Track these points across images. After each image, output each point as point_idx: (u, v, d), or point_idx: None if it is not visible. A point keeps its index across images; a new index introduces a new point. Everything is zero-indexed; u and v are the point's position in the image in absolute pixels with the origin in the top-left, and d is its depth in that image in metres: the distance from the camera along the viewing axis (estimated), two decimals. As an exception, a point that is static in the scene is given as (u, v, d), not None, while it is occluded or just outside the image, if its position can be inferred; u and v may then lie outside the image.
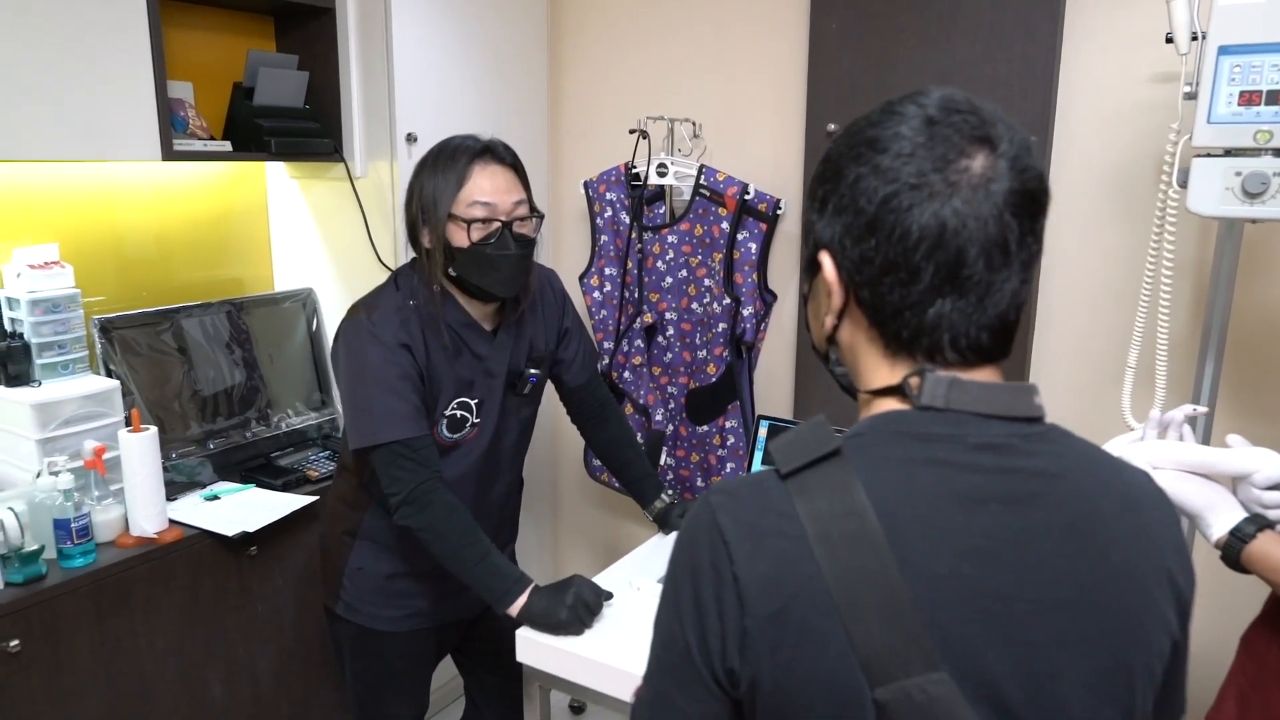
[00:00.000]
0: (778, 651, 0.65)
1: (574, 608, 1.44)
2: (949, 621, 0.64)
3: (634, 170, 2.39)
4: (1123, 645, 0.67)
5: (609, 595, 1.51)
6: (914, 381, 0.70)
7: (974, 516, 0.66)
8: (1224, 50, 1.26)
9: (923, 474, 0.67)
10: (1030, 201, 0.68)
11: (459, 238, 1.50)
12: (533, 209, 1.57)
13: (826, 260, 0.72)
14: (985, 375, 0.71)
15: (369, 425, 1.49)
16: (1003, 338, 0.71)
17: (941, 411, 0.69)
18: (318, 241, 2.41)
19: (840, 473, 0.67)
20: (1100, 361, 1.89)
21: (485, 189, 1.50)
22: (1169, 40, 1.55)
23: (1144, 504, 0.72)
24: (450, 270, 1.52)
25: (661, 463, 2.45)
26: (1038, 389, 0.72)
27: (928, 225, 0.66)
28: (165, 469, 1.95)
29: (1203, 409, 1.15)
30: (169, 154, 1.89)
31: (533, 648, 1.45)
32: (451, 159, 1.50)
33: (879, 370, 0.72)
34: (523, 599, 1.47)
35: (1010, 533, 0.66)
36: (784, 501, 0.68)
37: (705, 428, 2.40)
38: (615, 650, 1.40)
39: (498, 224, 1.51)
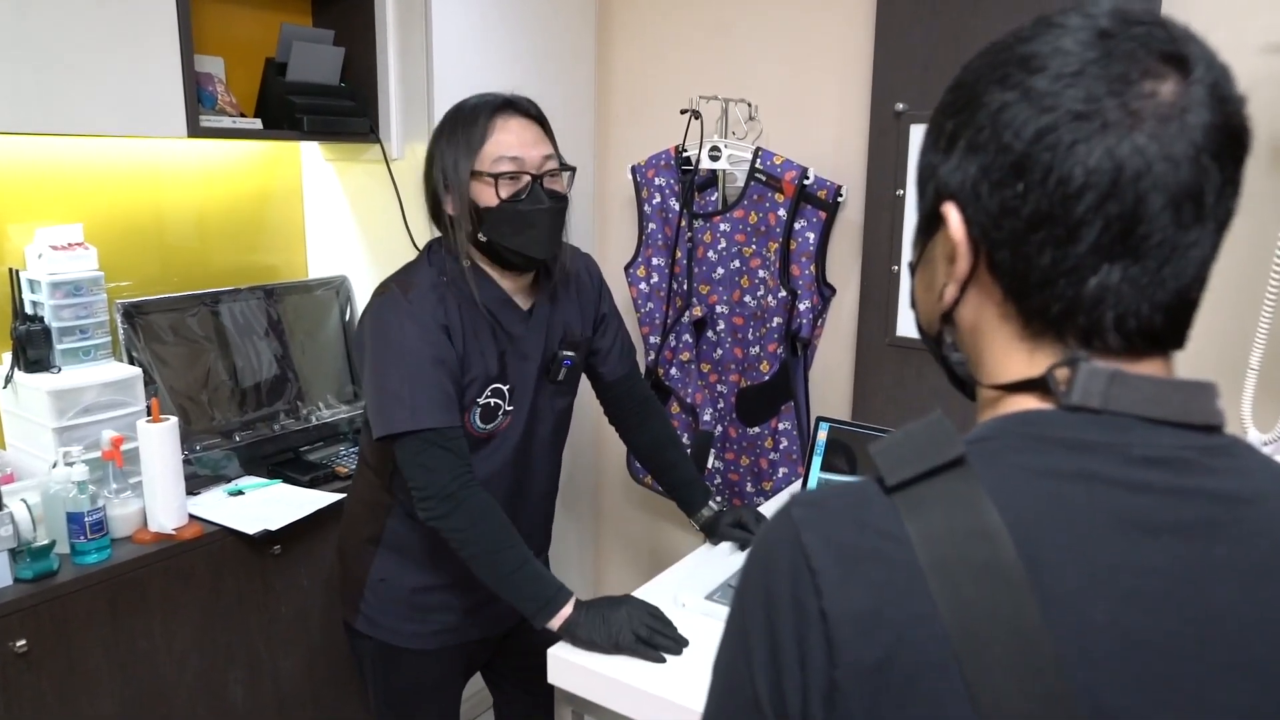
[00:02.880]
0: (876, 713, 0.50)
1: (627, 629, 1.30)
2: (1105, 685, 0.49)
3: (685, 154, 2.24)
4: None
5: (675, 629, 1.35)
6: (1062, 374, 0.55)
7: (1140, 549, 0.51)
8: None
9: (1071, 492, 0.52)
10: (1233, 141, 0.52)
11: (486, 196, 1.38)
12: (563, 163, 1.45)
13: (952, 212, 0.57)
14: (1153, 369, 0.56)
15: (400, 411, 1.35)
16: (1180, 320, 0.55)
17: (1097, 414, 0.54)
18: (352, 227, 2.31)
19: (964, 486, 0.52)
20: (1216, 364, 1.70)
21: (511, 143, 1.38)
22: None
23: None
24: (480, 235, 1.40)
25: (709, 466, 2.30)
26: (1218, 388, 0.56)
27: (1099, 167, 0.50)
28: (188, 462, 1.87)
29: None
30: (195, 130, 1.80)
31: (565, 669, 1.32)
32: (471, 116, 1.39)
33: (1012, 358, 0.57)
34: (566, 611, 1.34)
35: (1187, 572, 0.51)
36: (889, 518, 0.53)
37: (757, 429, 2.25)
38: (657, 675, 1.26)
39: (527, 178, 1.39)
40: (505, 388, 1.47)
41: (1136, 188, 0.50)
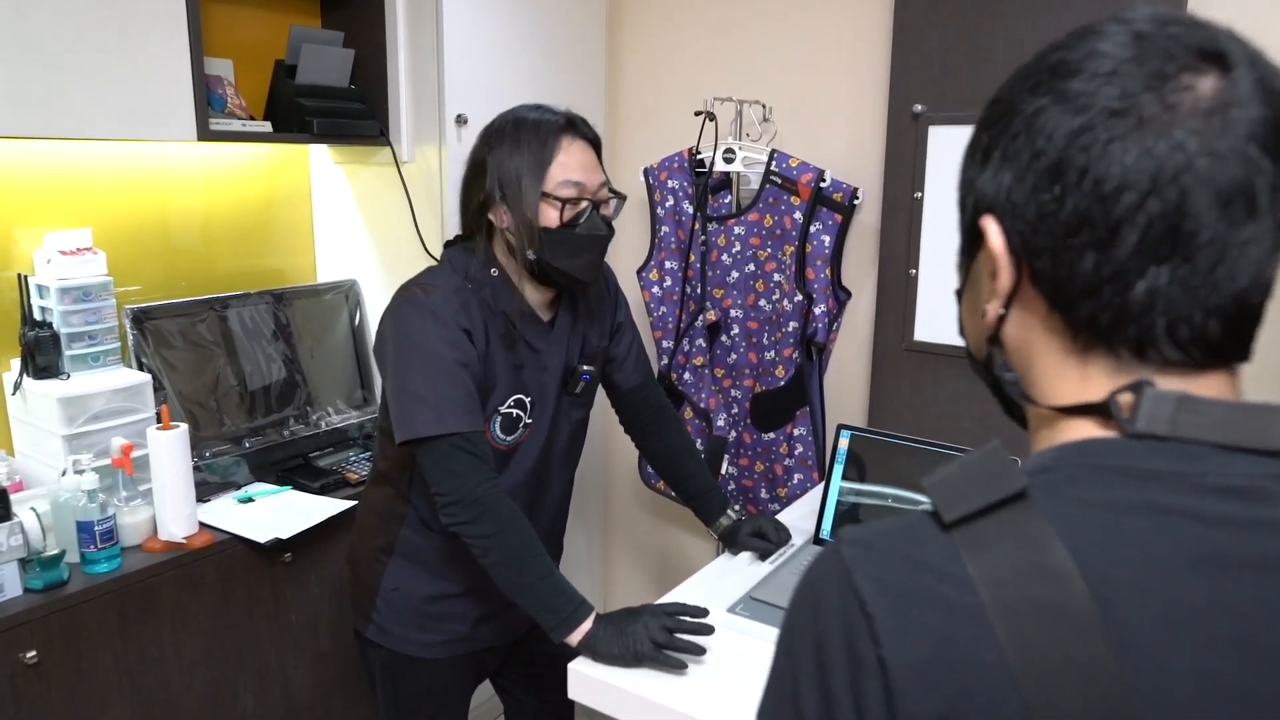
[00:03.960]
0: None
1: (644, 638, 1.28)
2: None
3: (698, 156, 2.22)
4: None
5: (704, 612, 1.35)
6: (1126, 399, 0.52)
7: (1220, 589, 0.48)
8: None
9: (1142, 526, 0.49)
10: None
11: (549, 217, 1.37)
12: (614, 191, 1.46)
13: (991, 225, 0.55)
14: (1218, 386, 0.53)
15: (426, 414, 1.32)
16: (1241, 329, 0.52)
17: (1164, 441, 0.51)
18: (362, 231, 2.29)
19: (1029, 522, 0.49)
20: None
21: (575, 167, 1.38)
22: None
23: None
24: (530, 253, 1.38)
25: (723, 472, 2.28)
26: None
27: (1136, 165, 0.48)
28: (198, 469, 1.85)
29: None
30: (205, 134, 1.78)
31: (586, 683, 1.29)
32: (535, 133, 1.37)
33: (1064, 376, 0.55)
34: (586, 626, 1.31)
35: (1273, 613, 0.47)
36: (949, 558, 0.50)
37: (771, 435, 2.23)
38: (679, 689, 1.24)
39: (586, 204, 1.39)
40: (526, 399, 1.45)
41: (1179, 184, 0.48)
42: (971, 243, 0.58)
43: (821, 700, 0.51)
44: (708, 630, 1.31)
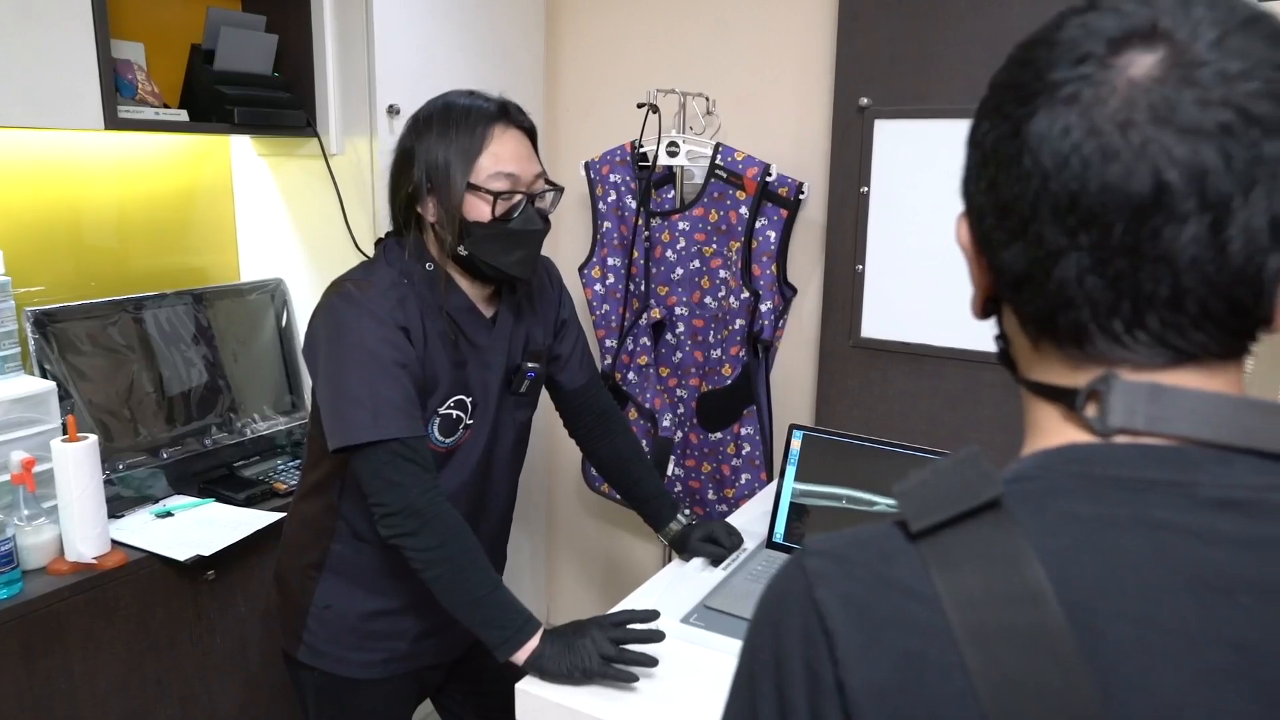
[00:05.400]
0: None
1: (593, 653, 1.21)
2: None
3: (641, 150, 2.16)
4: None
5: (653, 615, 1.29)
6: (1091, 395, 0.49)
7: (1215, 614, 0.44)
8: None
9: (1130, 544, 0.45)
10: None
11: (478, 211, 1.28)
12: (551, 183, 1.37)
13: (961, 225, 0.54)
14: (1213, 383, 0.48)
15: (362, 418, 1.23)
16: (1239, 312, 0.47)
17: (1147, 443, 0.47)
18: (288, 226, 2.17)
19: (1001, 535, 0.46)
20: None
21: (507, 157, 1.29)
22: (1269, -4, 1.34)
23: None
24: (460, 248, 1.30)
25: (669, 473, 2.22)
26: None
27: (1054, 146, 0.46)
28: (110, 482, 1.73)
29: None
30: (113, 122, 1.66)
31: (536, 704, 1.22)
32: (465, 121, 1.29)
33: (1044, 369, 0.53)
34: (533, 643, 1.24)
35: (1273, 644, 0.43)
36: (915, 574, 0.46)
37: (718, 435, 2.18)
38: (632, 706, 1.18)
39: (520, 197, 1.31)
40: (467, 399, 1.37)
41: (1079, 164, 0.45)
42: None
43: (779, 716, 0.48)
44: (657, 637, 1.25)
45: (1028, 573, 0.45)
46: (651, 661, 1.23)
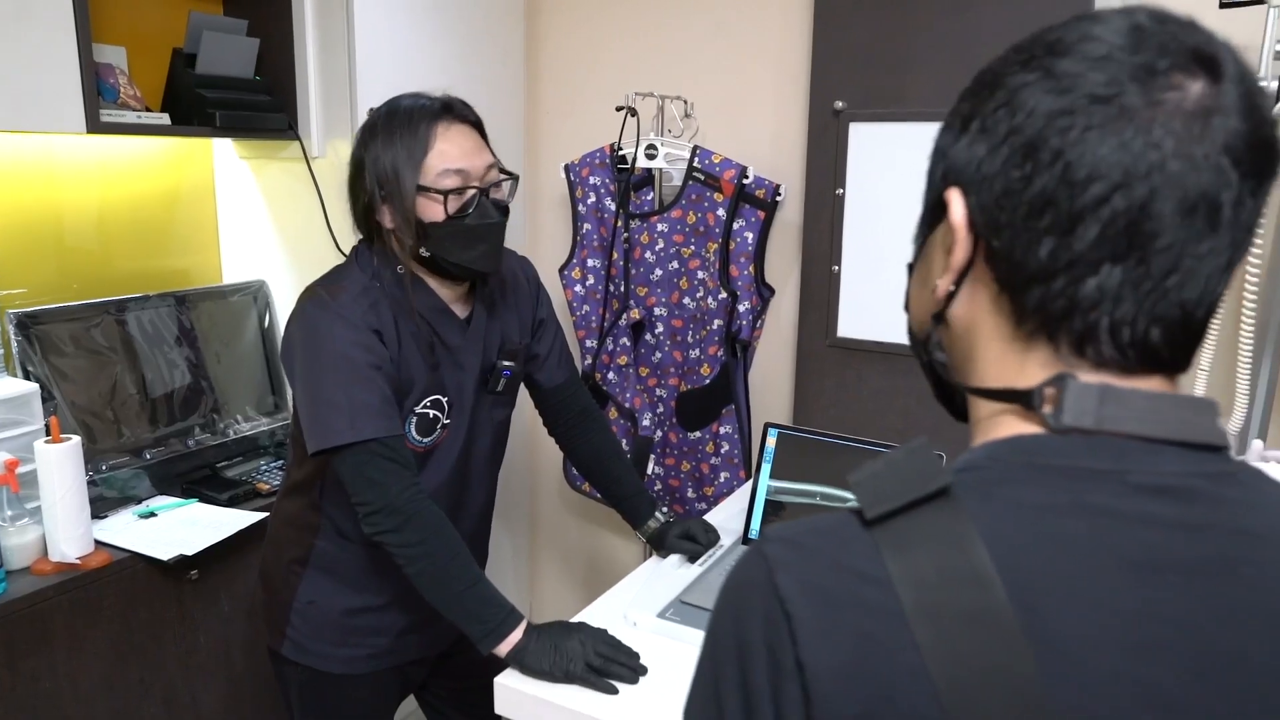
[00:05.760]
0: None
1: (579, 658, 1.23)
2: None
3: (620, 152, 2.18)
4: None
5: (636, 657, 1.27)
6: (1049, 393, 0.51)
7: (1146, 592, 0.47)
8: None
9: (1070, 528, 0.48)
10: (1261, 154, 0.48)
11: (432, 211, 1.29)
12: (505, 171, 1.38)
13: (955, 197, 0.53)
14: (1153, 387, 0.52)
15: (339, 421, 1.25)
16: (1182, 340, 0.51)
17: (1089, 435, 0.50)
18: (270, 229, 2.18)
19: (950, 521, 0.49)
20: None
21: (454, 154, 1.30)
22: (1225, 5, 1.39)
23: None
24: (423, 251, 1.31)
25: (649, 472, 2.25)
26: (1218, 406, 0.53)
27: (1107, 158, 0.47)
28: (93, 483, 1.74)
29: None
30: (95, 126, 1.67)
31: (514, 698, 1.24)
32: (408, 123, 1.29)
33: (1003, 363, 0.54)
34: (515, 636, 1.26)
35: (1199, 617, 0.47)
36: (869, 558, 0.49)
37: (697, 434, 2.21)
38: (613, 705, 1.20)
39: (473, 191, 1.32)
40: (444, 399, 1.39)
41: (1149, 182, 0.47)
42: (933, 214, 0.57)
43: (742, 703, 0.50)
44: (643, 671, 1.27)
45: (974, 556, 0.47)
46: (634, 680, 1.25)
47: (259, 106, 1.96)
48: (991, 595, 0.46)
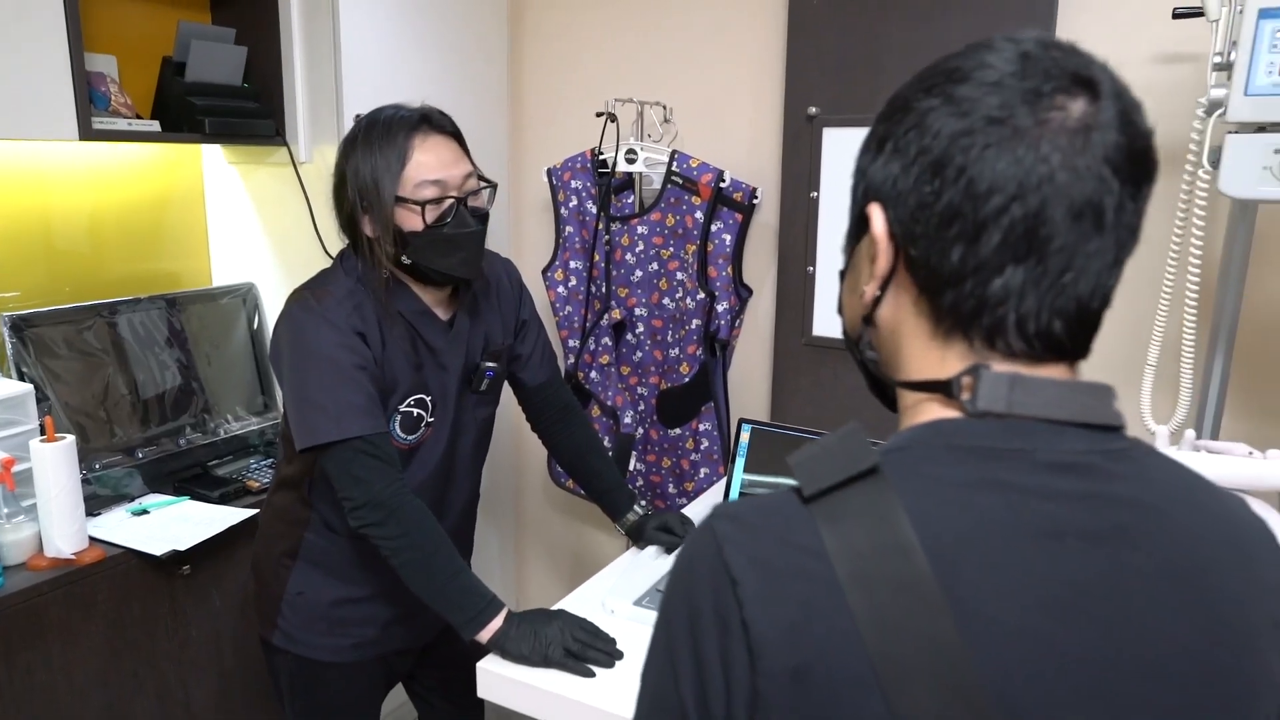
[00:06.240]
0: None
1: (558, 643, 1.28)
2: (1019, 690, 0.51)
3: (601, 156, 2.24)
4: (1230, 716, 0.54)
5: (612, 642, 1.33)
6: (966, 381, 0.57)
7: (1049, 556, 0.53)
8: (1266, 14, 1.14)
9: (983, 501, 0.54)
10: (1137, 163, 0.55)
11: (411, 221, 1.34)
12: (484, 179, 1.43)
13: (876, 212, 0.59)
14: (1056, 374, 0.58)
15: (323, 420, 1.30)
16: (1080, 330, 0.57)
17: (1002, 418, 0.56)
18: (259, 232, 2.23)
19: (879, 497, 0.54)
20: (1115, 363, 1.78)
21: (432, 164, 1.35)
22: (1177, 15, 1.44)
23: (1248, 537, 0.59)
24: (403, 258, 1.37)
25: (630, 468, 2.31)
26: (1114, 391, 0.59)
27: (1004, 173, 0.53)
28: (87, 481, 1.78)
29: (1257, 453, 1.03)
30: (87, 133, 1.71)
31: (496, 681, 1.30)
32: (387, 134, 1.34)
33: (925, 358, 0.60)
34: (496, 623, 1.31)
35: (1096, 577, 0.53)
36: (808, 532, 0.55)
37: (677, 431, 2.26)
38: (588, 686, 1.26)
39: (451, 201, 1.37)
40: (427, 398, 1.45)
41: (1040, 193, 0.53)
42: (858, 227, 0.63)
43: (693, 660, 0.55)
44: (620, 655, 1.32)
45: (899, 528, 0.53)
46: (610, 664, 1.30)
47: (247, 113, 2.00)
48: (915, 563, 0.52)
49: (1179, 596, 0.54)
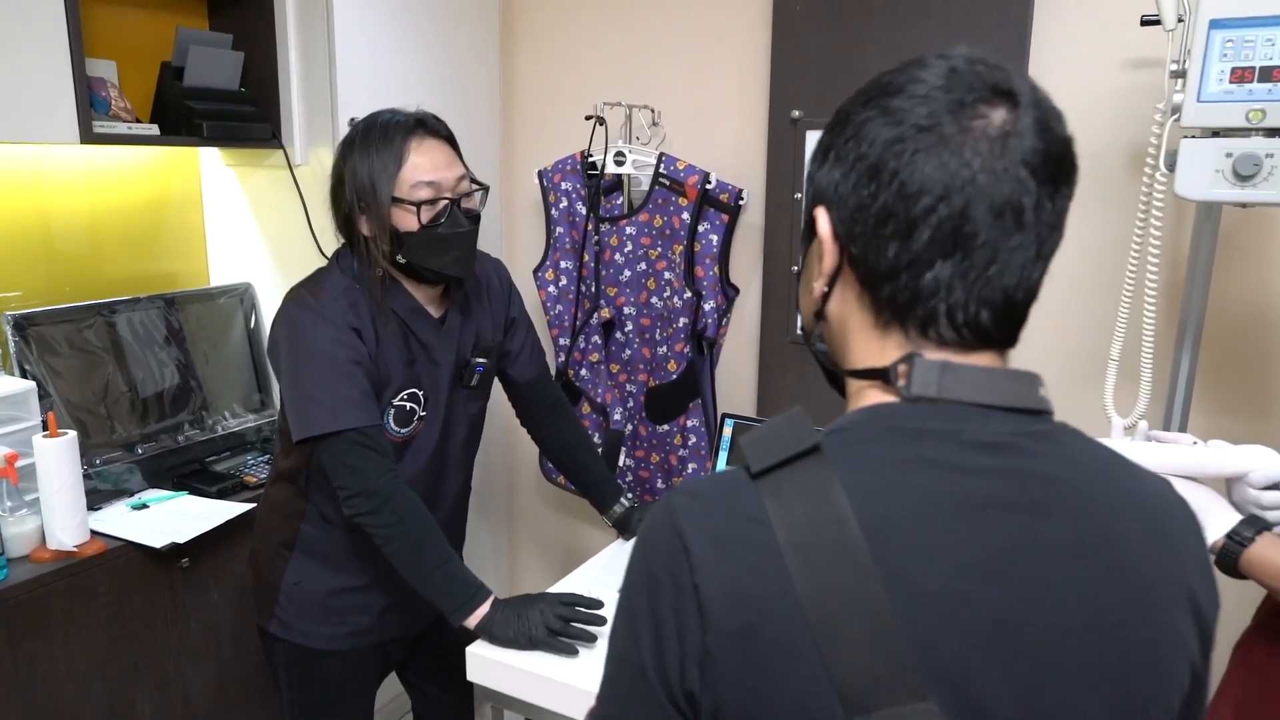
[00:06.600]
0: (743, 674, 0.57)
1: (540, 623, 1.34)
2: (940, 646, 0.56)
3: (590, 159, 2.29)
4: (1138, 677, 0.60)
5: (598, 604, 1.41)
6: (902, 369, 0.62)
7: (971, 526, 0.58)
8: (1215, 24, 1.20)
9: (913, 477, 0.59)
10: (1054, 165, 0.60)
11: (406, 221, 1.40)
12: (476, 182, 1.48)
13: (821, 214, 0.64)
14: (985, 362, 0.63)
15: (320, 412, 1.36)
16: (1006, 320, 0.62)
17: (934, 403, 0.61)
18: (255, 233, 2.28)
19: (819, 473, 0.59)
20: (1079, 358, 1.84)
21: (426, 167, 1.40)
22: (1145, 22, 1.49)
23: (1165, 515, 0.64)
24: (399, 257, 1.42)
25: (620, 464, 2.36)
26: (1041, 379, 0.64)
27: (931, 176, 0.58)
28: (88, 476, 1.82)
29: (1201, 444, 1.08)
30: (88, 137, 1.75)
31: (484, 665, 1.35)
32: (383, 137, 1.39)
33: (867, 348, 0.65)
34: (483, 609, 1.37)
35: (1013, 545, 0.58)
36: (754, 504, 0.60)
37: (666, 427, 2.31)
38: (572, 667, 1.31)
39: (445, 202, 1.42)
40: (419, 393, 1.50)
41: (964, 194, 0.58)
42: (809, 230, 0.68)
43: (652, 623, 0.61)
44: (600, 621, 1.38)
45: (836, 501, 0.58)
46: (591, 638, 1.36)
47: (244, 117, 2.05)
48: (848, 531, 0.57)
49: (1091, 564, 0.59)
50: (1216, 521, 0.99)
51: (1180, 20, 1.30)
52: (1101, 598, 0.59)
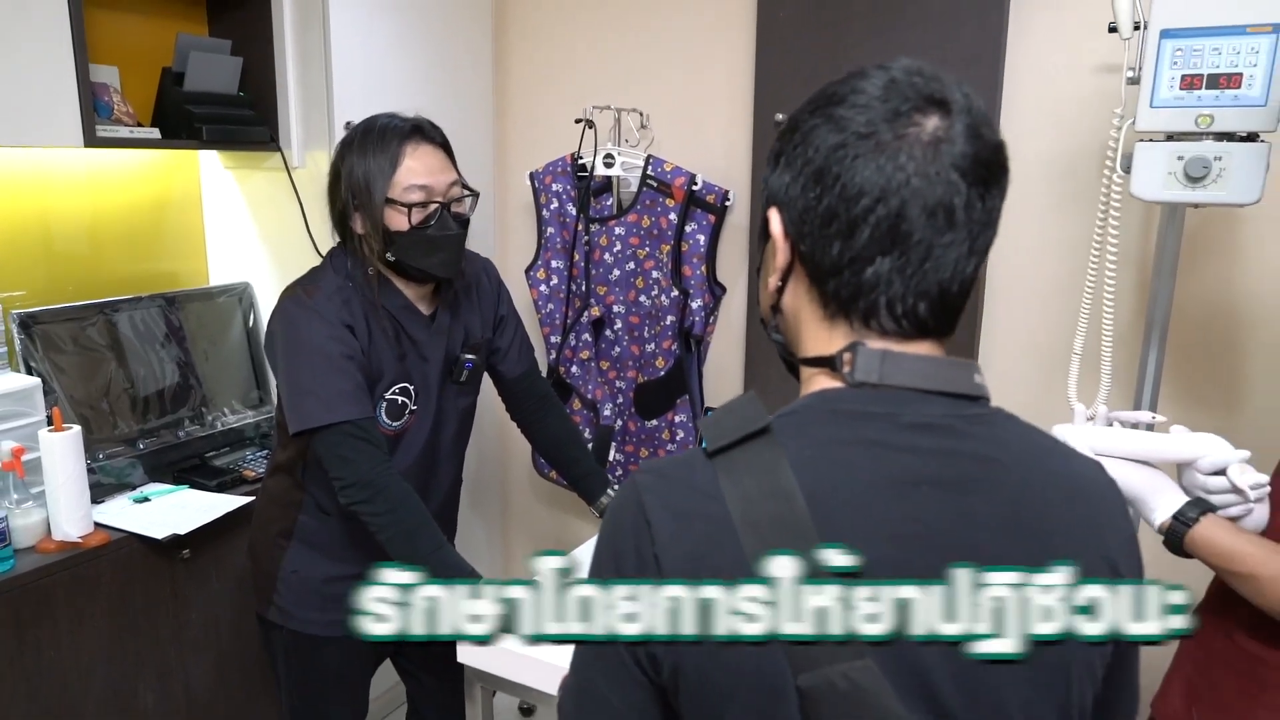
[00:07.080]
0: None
1: None
2: None
3: (580, 161, 2.35)
4: (1058, 641, 0.65)
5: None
6: (847, 357, 0.68)
7: (905, 500, 0.64)
8: (1166, 34, 1.26)
9: (854, 455, 0.65)
10: (982, 167, 0.65)
11: (398, 221, 1.46)
12: (467, 188, 1.54)
13: (774, 215, 0.70)
14: (924, 350, 0.69)
15: (315, 406, 1.42)
16: (943, 311, 0.68)
17: (876, 388, 0.67)
18: (254, 234, 2.33)
19: (768, 452, 0.65)
20: (1047, 351, 1.90)
21: (420, 171, 1.46)
22: (1112, 29, 1.55)
23: (1091, 494, 0.70)
24: (388, 255, 1.47)
25: (610, 458, 2.41)
26: (978, 366, 0.70)
27: (870, 179, 0.64)
28: (92, 470, 1.87)
29: (1161, 418, 1.14)
30: (92, 140, 1.81)
31: (474, 648, 1.40)
32: (380, 140, 1.45)
33: (817, 338, 0.70)
34: None
35: (943, 518, 0.64)
36: (709, 481, 0.65)
37: (654, 422, 2.37)
38: (561, 649, 1.36)
39: (436, 205, 1.48)
40: (410, 387, 1.55)
41: (900, 196, 0.64)
42: (764, 230, 0.73)
43: None
44: None
45: (783, 478, 0.63)
46: None
47: (243, 120, 2.10)
48: (794, 506, 0.63)
49: (1015, 536, 0.65)
50: (1165, 503, 1.05)
51: (1137, 29, 1.36)
52: (1024, 566, 0.64)
